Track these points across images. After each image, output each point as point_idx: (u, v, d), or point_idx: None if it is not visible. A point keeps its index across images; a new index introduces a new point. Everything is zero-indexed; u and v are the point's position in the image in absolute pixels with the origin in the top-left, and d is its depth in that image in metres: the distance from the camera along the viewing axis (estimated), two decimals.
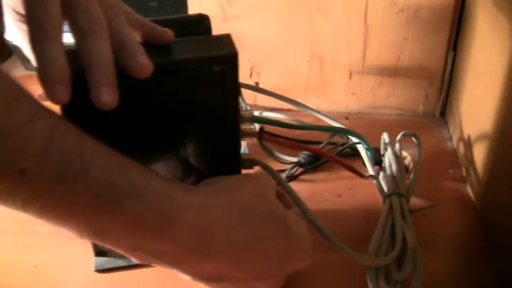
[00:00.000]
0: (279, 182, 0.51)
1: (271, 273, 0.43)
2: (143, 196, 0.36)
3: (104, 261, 0.51)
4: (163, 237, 0.37)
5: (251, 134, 0.49)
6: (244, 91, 0.72)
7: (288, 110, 0.72)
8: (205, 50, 0.43)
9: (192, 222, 0.38)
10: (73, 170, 0.32)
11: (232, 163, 0.49)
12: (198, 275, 0.41)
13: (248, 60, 0.73)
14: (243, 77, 0.72)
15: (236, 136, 0.47)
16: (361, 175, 0.57)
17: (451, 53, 0.69)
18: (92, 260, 0.51)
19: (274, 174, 0.52)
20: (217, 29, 0.45)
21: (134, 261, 0.40)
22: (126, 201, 0.35)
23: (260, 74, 0.74)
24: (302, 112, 0.68)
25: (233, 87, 0.44)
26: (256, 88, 0.68)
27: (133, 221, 0.35)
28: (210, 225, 0.39)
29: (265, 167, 0.52)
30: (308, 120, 0.69)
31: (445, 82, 0.71)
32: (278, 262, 0.42)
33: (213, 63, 0.42)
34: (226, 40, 0.44)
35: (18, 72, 0.79)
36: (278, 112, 0.72)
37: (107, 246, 0.37)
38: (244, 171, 0.51)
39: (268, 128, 0.67)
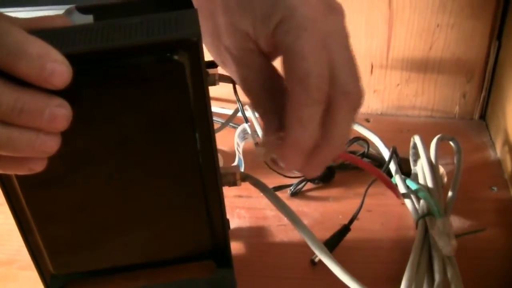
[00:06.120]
0: (276, 206, 0.42)
1: None
2: None
3: None
4: None
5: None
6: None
7: None
8: (150, 33, 0.32)
9: None
10: None
11: (210, 192, 0.40)
12: None
13: None
14: None
15: (210, 150, 0.38)
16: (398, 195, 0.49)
17: (494, 43, 0.61)
18: None
19: (268, 194, 0.43)
20: None
21: None
22: None
23: None
24: None
25: (198, 85, 0.34)
26: None
27: None
28: None
29: (257, 184, 0.44)
30: None
31: (486, 78, 0.64)
32: None
33: (163, 51, 0.32)
34: (188, 17, 0.33)
35: None
36: None
37: None
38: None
39: None
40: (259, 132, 0.58)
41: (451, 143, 0.54)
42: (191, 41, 0.32)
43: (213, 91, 0.40)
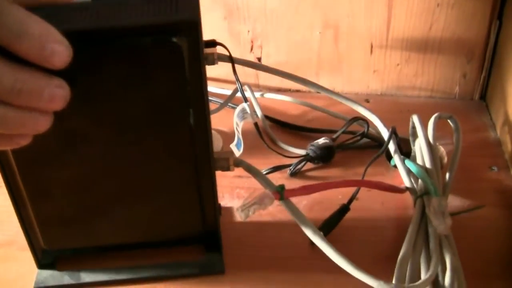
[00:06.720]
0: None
1: None
2: None
3: (48, 276, 0.44)
4: None
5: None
6: (244, 69, 0.63)
7: (297, 91, 0.68)
8: (151, 14, 0.32)
9: None
10: None
11: (203, 177, 0.40)
12: None
13: (248, 31, 0.65)
14: (243, 52, 0.63)
15: (205, 134, 0.38)
16: (400, 191, 0.49)
17: (495, 23, 0.61)
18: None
19: (261, 179, 0.44)
20: None
21: None
22: None
23: (262, 48, 0.66)
24: (314, 93, 0.64)
25: (195, 68, 0.34)
26: (257, 66, 0.58)
27: None
28: None
29: (250, 170, 0.44)
30: (320, 103, 0.63)
31: (486, 58, 0.63)
32: None
33: (163, 33, 0.32)
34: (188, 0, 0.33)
35: None
36: (285, 94, 0.65)
37: None
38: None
39: (273, 111, 0.58)
40: (259, 112, 0.58)
41: (449, 121, 0.53)
42: (191, 24, 0.32)
43: (212, 71, 0.39)
